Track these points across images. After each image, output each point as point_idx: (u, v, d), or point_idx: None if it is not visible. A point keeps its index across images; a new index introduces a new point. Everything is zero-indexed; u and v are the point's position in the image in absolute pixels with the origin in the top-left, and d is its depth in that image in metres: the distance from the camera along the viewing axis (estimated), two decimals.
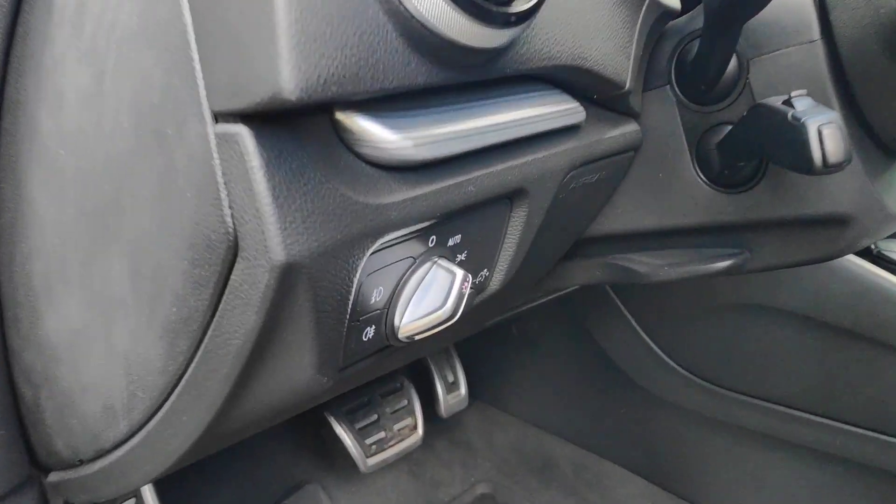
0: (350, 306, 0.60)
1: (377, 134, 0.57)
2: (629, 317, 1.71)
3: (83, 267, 0.63)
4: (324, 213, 0.53)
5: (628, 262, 1.01)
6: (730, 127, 0.87)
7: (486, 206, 0.73)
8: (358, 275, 0.58)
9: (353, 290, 0.59)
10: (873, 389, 1.43)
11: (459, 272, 0.67)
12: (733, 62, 0.86)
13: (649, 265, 0.98)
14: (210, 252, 0.54)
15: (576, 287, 1.42)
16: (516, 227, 0.78)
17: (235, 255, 0.53)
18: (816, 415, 1.54)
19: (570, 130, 0.82)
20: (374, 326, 0.65)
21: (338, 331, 0.59)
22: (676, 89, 0.91)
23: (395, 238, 0.62)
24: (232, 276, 0.54)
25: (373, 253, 0.60)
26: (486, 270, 0.79)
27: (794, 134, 0.71)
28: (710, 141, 0.90)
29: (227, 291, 0.55)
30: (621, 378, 1.79)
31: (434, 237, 0.68)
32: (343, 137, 0.57)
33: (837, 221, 0.87)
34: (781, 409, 1.57)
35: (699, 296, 1.58)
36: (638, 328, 1.71)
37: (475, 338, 2.02)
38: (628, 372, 1.77)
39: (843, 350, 1.43)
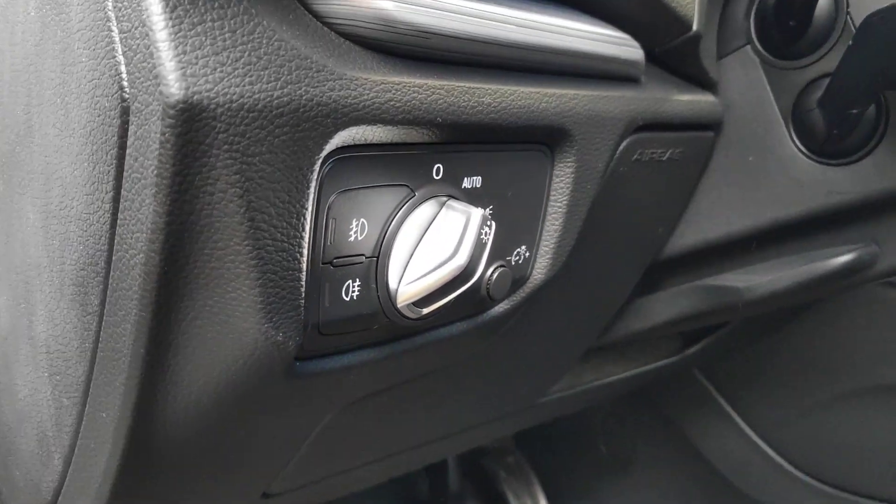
0: (309, 228, 0.42)
1: None
2: (734, 415, 1.44)
3: (5, 237, 0.50)
4: (251, 53, 0.37)
5: (723, 282, 0.80)
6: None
7: (516, 145, 0.56)
8: (316, 175, 0.41)
9: (311, 199, 0.41)
10: None
11: (476, 210, 0.49)
12: None
13: (750, 280, 0.77)
14: (106, 127, 0.38)
15: (658, 379, 1.19)
16: (563, 189, 0.60)
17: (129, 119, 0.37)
18: None
19: (628, 81, 0.65)
20: (359, 281, 0.47)
21: (293, 262, 0.41)
22: (759, 46, 0.74)
23: (378, 144, 0.45)
24: (127, 151, 0.37)
25: (340, 155, 0.43)
26: (523, 248, 0.60)
27: None
28: (808, 101, 0.71)
29: (124, 178, 0.38)
30: (733, 493, 1.49)
31: (440, 166, 0.50)
32: None
33: None
34: None
35: (819, 379, 1.31)
36: (745, 427, 1.43)
37: (558, 458, 1.77)
38: (739, 484, 1.47)
39: None
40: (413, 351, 0.55)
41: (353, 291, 0.47)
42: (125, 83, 0.37)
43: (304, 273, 0.43)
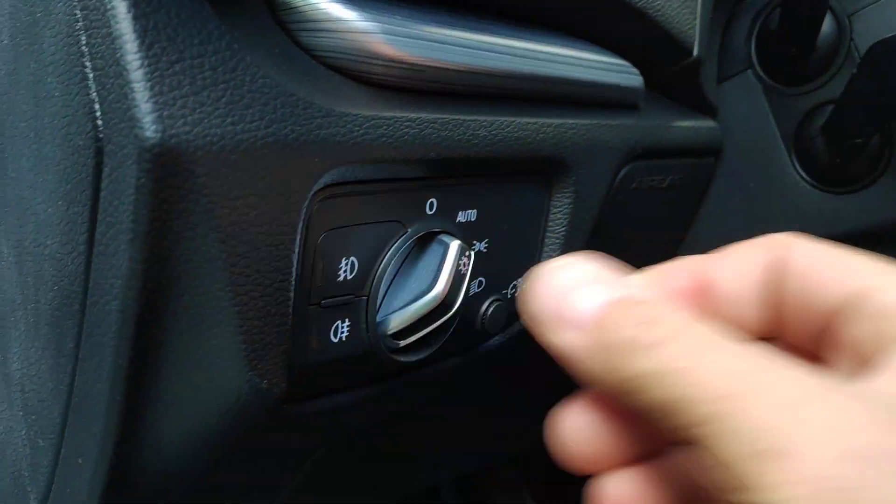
0: (295, 270, 0.40)
1: (325, 9, 0.40)
2: None
3: None
4: (233, 92, 0.35)
5: None
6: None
7: (512, 177, 0.54)
8: (303, 216, 0.39)
9: (298, 241, 0.39)
10: None
11: (454, 242, 0.47)
12: (828, 23, 0.67)
13: None
14: (80, 167, 0.37)
15: None
16: (560, 220, 0.58)
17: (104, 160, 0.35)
18: None
19: (627, 108, 0.63)
20: (348, 321, 0.45)
21: (278, 307, 0.40)
22: (760, 71, 0.72)
23: (369, 181, 0.44)
24: (101, 193, 0.36)
25: (329, 193, 0.41)
26: (520, 280, 0.58)
27: None
28: (810, 128, 0.69)
29: (98, 221, 0.36)
30: None
31: (434, 201, 0.48)
32: (281, 18, 0.41)
33: None
34: None
35: None
36: None
37: (553, 474, 1.74)
38: None
39: None
40: (406, 387, 0.53)
41: (342, 332, 0.45)
42: (99, 122, 0.35)
43: (290, 317, 0.41)
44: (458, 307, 0.49)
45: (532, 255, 0.58)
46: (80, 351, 0.41)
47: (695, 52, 0.65)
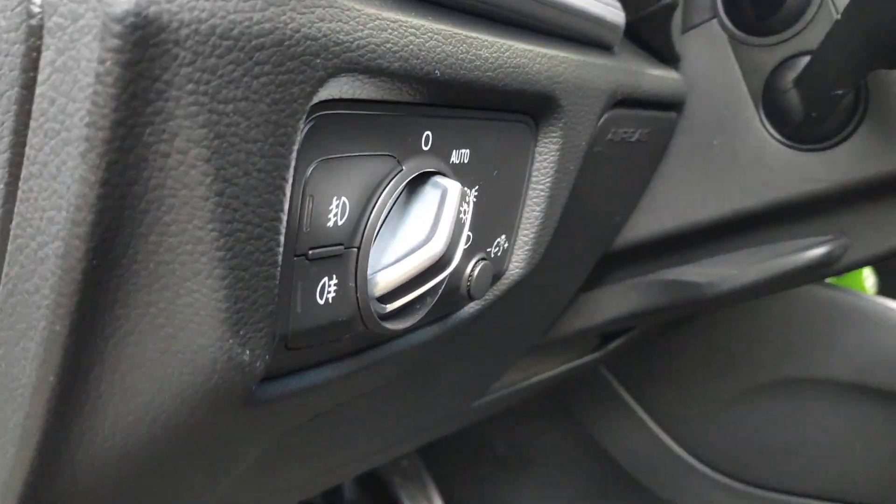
0: (286, 204, 0.31)
1: None
2: (640, 412, 1.40)
3: None
4: None
5: (681, 276, 0.73)
6: (809, 58, 0.64)
7: (502, 114, 0.47)
8: (300, 134, 0.30)
9: (291, 168, 0.31)
10: None
11: (454, 184, 0.40)
12: None
13: (712, 274, 0.71)
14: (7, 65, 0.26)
15: (571, 378, 1.13)
16: (546, 169, 0.51)
17: (40, 48, 0.25)
18: None
19: (604, 48, 0.57)
20: (335, 278, 0.36)
21: (268, 255, 0.31)
22: (726, 21, 0.68)
23: (364, 101, 0.35)
24: (36, 89, 0.26)
25: (323, 111, 0.32)
26: (503, 237, 0.51)
27: None
28: (781, 81, 0.66)
29: (30, 129, 0.26)
30: (637, 490, 1.46)
31: (429, 134, 0.40)
32: None
33: None
34: None
35: (722, 377, 1.29)
36: (652, 425, 1.40)
37: (453, 460, 1.69)
38: (645, 481, 1.44)
39: None
40: (384, 360, 0.45)
41: (329, 292, 0.36)
42: None
43: (278, 268, 0.32)
44: (458, 264, 0.41)
45: (514, 209, 0.51)
46: None
47: None
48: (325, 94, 0.31)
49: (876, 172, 0.64)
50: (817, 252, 0.67)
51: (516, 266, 0.53)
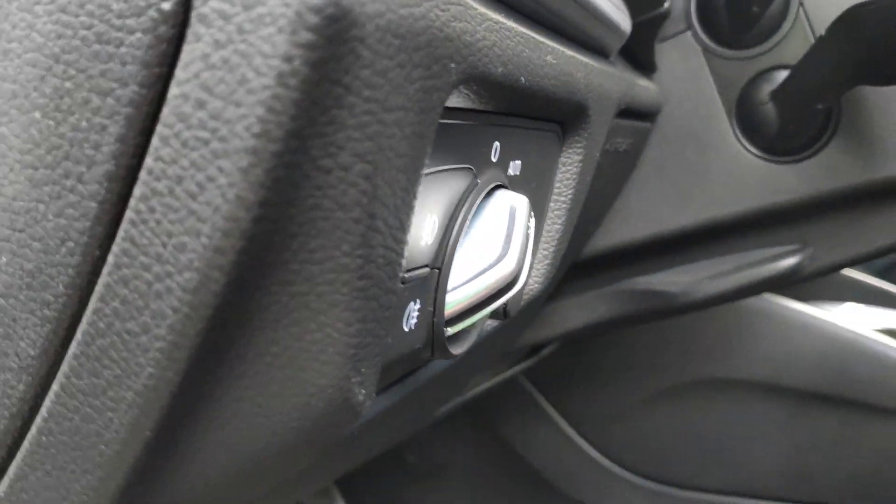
0: (411, 224, 0.28)
1: None
2: (558, 418, 1.41)
3: None
4: None
5: (651, 285, 0.74)
6: (785, 71, 0.65)
7: (542, 123, 0.44)
8: (433, 136, 0.27)
9: (420, 182, 0.27)
10: (853, 461, 1.21)
11: (522, 198, 0.37)
12: None
13: (683, 283, 0.72)
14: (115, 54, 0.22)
15: (492, 389, 1.13)
16: (568, 180, 0.49)
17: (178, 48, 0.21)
18: (791, 502, 1.30)
19: (605, 55, 0.56)
20: (419, 302, 0.33)
21: (393, 281, 0.27)
22: (701, 33, 0.69)
23: (460, 109, 0.32)
24: (170, 90, 0.21)
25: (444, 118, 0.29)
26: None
27: None
28: (756, 94, 0.67)
29: (155, 137, 0.22)
30: (554, 495, 1.47)
31: (498, 145, 0.38)
32: None
33: None
34: (749, 502, 1.32)
35: (637, 381, 1.32)
36: (569, 430, 1.42)
37: (362, 472, 1.64)
38: (563, 486, 1.46)
39: (815, 418, 1.21)
40: (423, 386, 0.42)
41: (412, 318, 0.33)
42: None
43: (396, 296, 0.28)
44: (526, 282, 0.38)
45: (540, 222, 0.49)
46: (70, 360, 0.25)
47: (665, 4, 0.60)
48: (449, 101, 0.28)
49: (845, 185, 0.66)
50: (788, 262, 0.69)
51: (535, 281, 0.51)
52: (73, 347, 0.25)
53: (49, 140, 0.23)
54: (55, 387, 0.26)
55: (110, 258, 0.23)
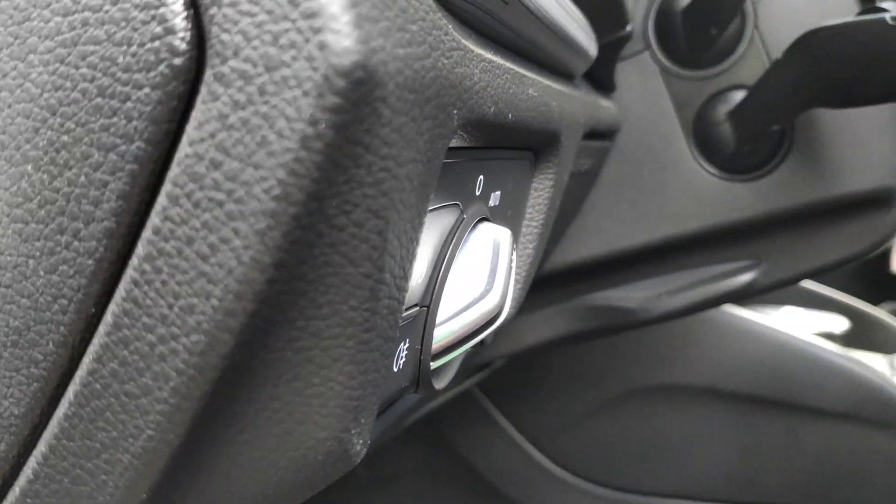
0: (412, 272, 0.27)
1: None
2: (507, 425, 1.42)
3: None
4: (406, 17, 0.22)
5: (609, 301, 0.74)
6: (741, 92, 0.67)
7: (512, 153, 0.44)
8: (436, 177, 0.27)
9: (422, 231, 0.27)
10: (797, 463, 1.25)
11: (504, 231, 0.37)
12: None
13: (639, 299, 0.73)
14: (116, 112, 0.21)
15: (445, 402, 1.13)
16: (539, 206, 0.50)
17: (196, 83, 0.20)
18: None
19: (570, 79, 0.57)
20: (408, 343, 0.33)
21: (394, 330, 0.26)
22: (659, 53, 0.70)
23: (449, 152, 0.32)
24: (180, 147, 0.20)
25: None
26: None
27: None
28: (713, 114, 0.68)
29: (159, 204, 0.21)
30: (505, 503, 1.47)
31: (482, 178, 0.37)
32: None
33: (880, 201, 0.67)
34: None
35: (585, 388, 1.34)
36: (521, 439, 1.42)
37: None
38: (515, 495, 1.47)
39: (758, 421, 1.25)
40: (400, 417, 0.42)
41: (401, 358, 0.33)
42: (175, 19, 0.20)
43: (395, 342, 0.28)
44: (508, 315, 0.38)
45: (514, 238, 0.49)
46: (60, 420, 0.24)
47: (628, 27, 0.60)
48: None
49: (798, 203, 0.68)
50: (743, 278, 0.70)
51: (508, 307, 0.51)
52: (63, 408, 0.24)
53: (42, 194, 0.22)
54: (43, 448, 0.24)
55: (109, 318, 0.22)
